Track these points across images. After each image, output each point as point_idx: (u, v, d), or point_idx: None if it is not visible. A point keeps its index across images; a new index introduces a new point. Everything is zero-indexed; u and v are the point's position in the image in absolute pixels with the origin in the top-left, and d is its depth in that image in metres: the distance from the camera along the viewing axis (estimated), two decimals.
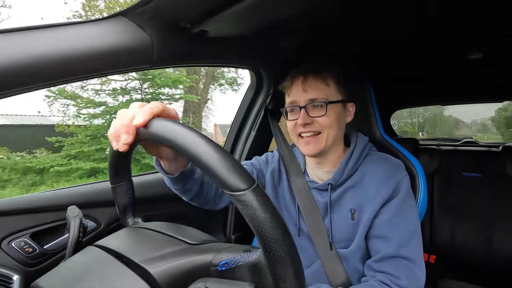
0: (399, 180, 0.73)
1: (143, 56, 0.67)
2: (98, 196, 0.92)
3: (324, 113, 0.73)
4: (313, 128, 0.75)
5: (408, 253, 0.68)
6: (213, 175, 0.35)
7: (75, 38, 0.56)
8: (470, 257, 1.49)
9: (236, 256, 0.38)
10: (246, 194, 0.33)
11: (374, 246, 0.72)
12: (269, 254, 0.34)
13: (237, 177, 0.34)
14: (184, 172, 0.67)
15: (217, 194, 0.82)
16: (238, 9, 0.62)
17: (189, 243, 0.45)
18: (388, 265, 0.68)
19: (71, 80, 0.59)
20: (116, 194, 0.57)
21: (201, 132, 0.38)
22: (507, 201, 1.46)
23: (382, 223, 0.71)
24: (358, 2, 0.73)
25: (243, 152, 1.26)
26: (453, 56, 1.15)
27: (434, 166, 1.69)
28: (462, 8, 0.76)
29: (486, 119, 8.17)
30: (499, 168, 1.53)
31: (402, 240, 0.69)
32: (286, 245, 0.34)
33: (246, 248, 0.39)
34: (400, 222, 0.70)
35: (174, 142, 0.37)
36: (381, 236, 0.71)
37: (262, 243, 0.34)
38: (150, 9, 0.61)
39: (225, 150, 0.36)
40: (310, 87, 0.75)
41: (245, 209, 0.34)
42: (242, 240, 1.24)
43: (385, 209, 0.72)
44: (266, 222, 0.33)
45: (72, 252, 0.58)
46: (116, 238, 0.50)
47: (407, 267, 0.67)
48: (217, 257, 0.39)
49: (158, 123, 0.40)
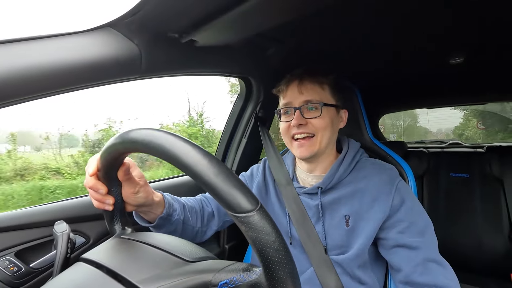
0: (395, 186, 0.73)
1: (132, 66, 0.67)
2: (86, 210, 0.90)
3: (319, 115, 0.74)
4: (307, 129, 0.75)
5: (435, 256, 0.68)
6: (216, 195, 0.34)
7: (61, 50, 0.55)
8: (462, 257, 1.51)
9: (236, 276, 0.37)
10: (251, 216, 0.33)
11: (398, 258, 0.70)
12: (270, 276, 0.33)
13: (242, 199, 0.33)
14: (162, 218, 0.67)
15: (203, 224, 0.81)
16: (225, 19, 0.62)
17: (186, 260, 0.43)
18: (428, 273, 0.66)
19: (58, 92, 0.58)
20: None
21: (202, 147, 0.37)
22: (494, 200, 1.50)
23: (400, 232, 0.70)
24: (342, 12, 0.75)
25: (234, 160, 1.25)
26: (435, 60, 1.18)
27: (423, 168, 1.72)
28: (442, 15, 0.79)
29: (449, 129, 10.06)
30: (485, 168, 1.58)
31: (429, 245, 0.69)
32: (287, 267, 0.33)
33: (246, 267, 0.38)
34: (420, 227, 0.70)
35: (176, 160, 0.36)
36: (402, 245, 0.69)
37: (264, 264, 0.34)
38: (137, 19, 0.61)
39: (229, 169, 0.36)
40: (306, 89, 0.76)
41: (249, 231, 0.33)
42: (236, 250, 1.22)
43: (395, 220, 0.71)
44: (269, 244, 0.33)
45: (60, 269, 0.56)
46: (106, 251, 0.48)
47: (444, 272, 0.66)
48: (216, 276, 0.38)
49: (158, 134, 0.39)
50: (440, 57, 1.13)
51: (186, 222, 0.75)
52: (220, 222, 0.86)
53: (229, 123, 1.26)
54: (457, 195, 1.59)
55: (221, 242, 1.23)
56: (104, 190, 0.53)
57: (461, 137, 8.88)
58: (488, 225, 1.48)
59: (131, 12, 0.59)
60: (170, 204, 0.70)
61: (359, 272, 0.73)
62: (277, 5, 0.62)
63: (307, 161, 0.81)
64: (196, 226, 0.79)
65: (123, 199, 0.58)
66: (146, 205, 0.63)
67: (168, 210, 0.69)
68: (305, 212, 0.79)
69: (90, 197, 0.55)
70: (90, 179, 0.52)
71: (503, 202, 1.47)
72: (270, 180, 0.90)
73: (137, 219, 0.70)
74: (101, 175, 0.53)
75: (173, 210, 0.71)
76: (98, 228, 0.91)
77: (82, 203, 0.91)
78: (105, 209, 0.56)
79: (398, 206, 0.71)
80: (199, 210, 0.81)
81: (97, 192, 0.53)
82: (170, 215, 0.69)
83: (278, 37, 0.91)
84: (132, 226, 0.58)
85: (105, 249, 0.49)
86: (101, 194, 0.53)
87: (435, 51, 1.08)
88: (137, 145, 0.40)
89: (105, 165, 0.50)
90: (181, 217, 0.73)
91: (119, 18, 0.61)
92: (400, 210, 0.71)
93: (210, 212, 0.84)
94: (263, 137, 1.03)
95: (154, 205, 0.65)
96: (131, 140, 0.41)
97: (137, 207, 0.62)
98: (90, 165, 0.52)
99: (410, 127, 11.32)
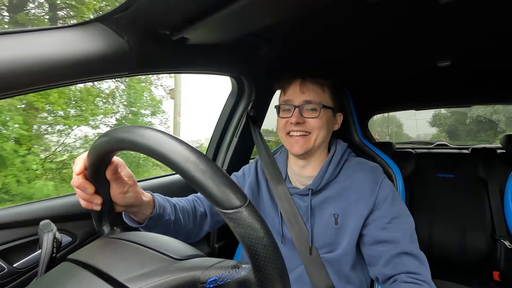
0: (380, 183, 0.76)
1: (121, 63, 0.66)
2: (73, 209, 0.88)
3: (317, 115, 0.77)
4: (304, 128, 0.77)
5: (413, 250, 0.69)
6: (204, 191, 0.34)
7: (48, 44, 0.54)
8: (447, 255, 1.55)
9: (225, 272, 0.37)
10: (239, 212, 0.33)
11: (375, 253, 0.72)
12: (259, 272, 0.34)
13: (230, 195, 0.33)
14: (152, 218, 0.66)
15: (195, 225, 0.81)
16: (217, 17, 0.62)
17: (175, 258, 0.43)
18: (401, 264, 0.68)
19: (45, 87, 0.57)
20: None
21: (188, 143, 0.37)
22: (478, 200, 1.54)
23: (380, 228, 0.72)
24: (333, 14, 0.76)
25: (225, 159, 1.25)
26: (423, 63, 1.21)
27: (411, 168, 1.76)
28: (431, 21, 0.81)
29: (427, 135, 11.78)
30: (469, 168, 1.62)
31: (406, 239, 0.70)
32: (276, 263, 0.34)
33: (235, 264, 0.38)
34: (399, 223, 0.72)
35: (164, 157, 0.35)
36: (383, 241, 0.71)
37: (252, 260, 0.34)
38: (128, 15, 0.60)
39: (216, 165, 0.35)
40: (308, 89, 0.79)
41: (237, 227, 0.33)
42: (226, 249, 1.22)
43: (377, 214, 0.73)
44: (258, 240, 0.33)
45: (46, 269, 0.55)
46: (93, 251, 0.47)
47: (417, 263, 0.68)
48: (205, 274, 0.38)
49: (146, 132, 0.38)
50: (428, 60, 1.15)
51: (177, 223, 0.74)
52: (213, 223, 0.85)
53: (220, 122, 1.25)
54: (443, 195, 1.63)
55: (211, 241, 1.22)
56: (92, 190, 0.52)
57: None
58: (472, 225, 1.52)
59: (121, 8, 0.58)
60: (160, 204, 0.69)
61: (347, 271, 0.74)
62: (269, 6, 0.62)
63: (300, 157, 0.82)
64: (188, 227, 0.78)
65: (111, 199, 0.57)
66: (135, 206, 0.62)
67: (158, 210, 0.68)
68: (297, 211, 0.80)
69: (77, 196, 0.54)
70: (77, 178, 0.51)
71: (487, 202, 1.52)
72: (262, 179, 0.90)
73: (126, 220, 0.68)
74: (89, 174, 0.52)
75: (163, 211, 0.70)
76: (85, 227, 0.89)
77: (69, 201, 0.89)
78: (93, 209, 0.54)
79: (381, 202, 0.74)
80: (191, 210, 0.81)
81: (84, 192, 0.52)
82: (160, 216, 0.68)
83: (270, 37, 0.91)
84: (121, 226, 0.58)
85: (93, 249, 0.48)
86: (89, 194, 0.52)
87: (423, 54, 1.10)
88: (125, 143, 0.40)
89: (93, 164, 0.49)
90: (171, 217, 0.72)
91: (109, 13, 0.60)
92: (382, 207, 0.73)
93: (203, 212, 0.83)
94: (255, 136, 1.03)
95: (143, 206, 0.64)
96: (119, 138, 0.41)
97: (126, 208, 0.61)
98: (77, 164, 0.51)
99: (396, 133, 14.63)
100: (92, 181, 0.52)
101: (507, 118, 6.89)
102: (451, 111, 9.81)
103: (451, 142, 2.35)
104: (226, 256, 1.18)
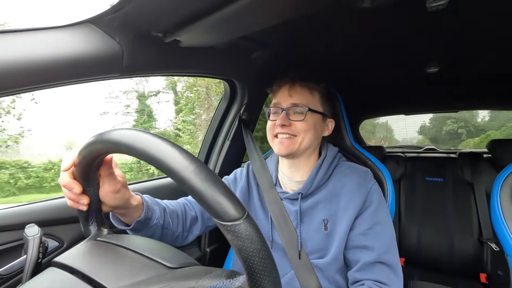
0: (369, 188, 0.76)
1: (112, 65, 0.65)
2: (60, 213, 0.86)
3: (303, 119, 0.77)
4: (290, 130, 0.78)
5: (388, 259, 0.70)
6: (203, 202, 0.33)
7: (37, 45, 0.53)
8: (435, 258, 1.57)
9: (219, 283, 0.36)
10: (237, 225, 0.33)
11: (354, 257, 0.73)
12: (254, 284, 0.33)
13: (229, 207, 0.33)
14: (139, 221, 0.66)
15: (185, 229, 0.80)
16: (210, 20, 0.62)
17: (168, 267, 0.42)
18: (371, 272, 0.69)
19: (34, 88, 0.55)
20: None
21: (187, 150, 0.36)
22: (465, 203, 1.58)
23: (360, 233, 0.73)
24: (326, 20, 0.77)
25: (217, 162, 1.24)
26: (413, 69, 1.24)
27: (400, 172, 1.79)
28: (421, 29, 0.83)
29: (412, 139, 13.44)
30: (457, 172, 1.65)
31: (383, 247, 0.71)
32: (271, 275, 0.33)
33: (229, 274, 0.37)
34: (378, 231, 0.73)
35: (162, 164, 0.35)
36: (361, 247, 0.72)
37: (248, 272, 0.33)
38: (120, 17, 0.59)
39: (217, 176, 0.35)
40: (296, 92, 0.79)
41: (235, 240, 0.33)
42: (217, 253, 1.21)
43: (361, 219, 0.74)
44: (255, 253, 0.33)
45: (31, 275, 0.53)
46: (81, 255, 0.46)
47: (389, 273, 0.69)
48: (199, 283, 0.37)
49: (145, 138, 0.37)
50: (417, 66, 1.18)
51: (166, 227, 0.73)
52: (203, 227, 0.84)
53: (213, 124, 1.25)
54: (432, 198, 1.66)
55: (202, 246, 1.21)
56: (79, 190, 0.51)
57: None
58: (459, 228, 1.55)
59: (113, 9, 0.57)
60: (149, 207, 0.68)
61: (337, 277, 0.75)
62: (262, 10, 0.62)
63: (287, 158, 0.82)
64: (176, 231, 0.77)
65: (99, 199, 0.56)
66: (123, 208, 0.61)
67: (147, 213, 0.67)
68: (287, 216, 0.80)
69: (64, 195, 0.53)
70: (64, 177, 0.50)
71: (473, 206, 1.55)
72: (253, 184, 0.90)
73: (113, 221, 0.67)
74: (77, 173, 0.50)
75: (152, 214, 0.69)
76: (73, 232, 0.87)
77: (55, 205, 0.87)
78: (79, 209, 0.53)
79: (367, 207, 0.75)
80: (181, 214, 0.80)
81: (71, 191, 0.51)
82: (148, 219, 0.67)
83: (263, 41, 0.92)
84: (109, 227, 0.56)
85: (80, 252, 0.46)
86: (75, 194, 0.51)
87: (413, 60, 1.13)
88: (121, 146, 0.39)
89: (83, 163, 0.48)
90: (160, 221, 0.71)
91: (100, 14, 0.59)
92: (367, 212, 0.74)
93: (194, 217, 0.82)
94: (246, 140, 1.03)
95: (132, 208, 0.63)
96: (114, 141, 0.39)
97: (114, 208, 0.60)
98: (66, 160, 0.50)
99: (389, 137, 15.72)
100: (81, 180, 0.51)
101: (466, 132, 11.33)
102: (433, 124, 13.59)
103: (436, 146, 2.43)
104: (218, 260, 1.18)
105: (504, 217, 0.84)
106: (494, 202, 0.88)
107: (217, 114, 1.24)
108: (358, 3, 0.63)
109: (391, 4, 0.65)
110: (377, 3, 0.62)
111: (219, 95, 7.59)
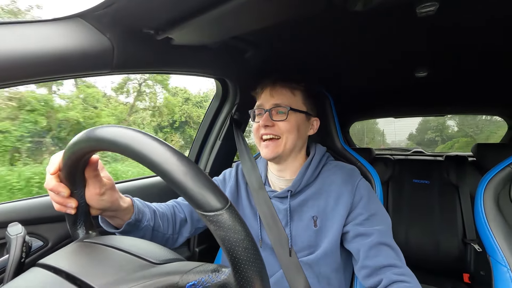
0: (356, 184, 0.78)
1: (102, 61, 0.64)
2: (45, 211, 0.84)
3: (285, 118, 0.78)
4: (273, 131, 0.78)
5: (390, 242, 0.71)
6: (185, 193, 0.33)
7: (25, 38, 0.51)
8: (422, 258, 1.61)
9: (204, 277, 0.36)
10: (220, 215, 0.32)
11: (356, 246, 0.73)
12: (239, 275, 0.33)
13: (211, 197, 0.33)
14: (129, 224, 0.65)
15: (174, 231, 0.79)
16: (202, 19, 0.62)
17: (153, 263, 0.41)
18: (378, 255, 0.69)
19: (20, 83, 0.54)
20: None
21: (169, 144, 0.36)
22: (450, 205, 1.62)
23: (358, 224, 0.74)
24: (318, 22, 0.78)
25: (208, 161, 1.24)
26: (402, 73, 1.26)
27: (389, 174, 1.82)
28: (410, 34, 0.85)
29: (400, 141, 15.08)
30: (443, 175, 1.70)
31: (383, 230, 0.72)
32: (256, 266, 0.33)
33: (214, 268, 0.37)
34: (375, 220, 0.74)
35: (144, 158, 0.34)
36: (362, 233, 0.73)
37: (232, 264, 0.33)
38: (111, 12, 0.58)
39: (198, 167, 0.35)
40: (277, 93, 0.80)
41: (217, 230, 0.33)
42: (206, 253, 1.21)
43: (355, 213, 0.75)
44: (238, 243, 0.32)
45: (13, 275, 0.52)
46: (66, 255, 0.45)
47: (394, 255, 0.69)
48: (184, 278, 0.37)
49: (126, 132, 0.37)
50: (406, 70, 1.20)
51: (157, 229, 0.73)
52: (193, 229, 0.84)
53: (204, 123, 1.24)
54: (419, 200, 1.70)
55: (191, 245, 1.20)
56: (66, 193, 0.49)
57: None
58: (445, 229, 1.59)
59: (103, 4, 0.56)
60: (140, 209, 0.67)
61: (328, 273, 0.75)
62: (254, 11, 0.62)
63: (274, 161, 0.83)
64: (167, 233, 0.76)
65: (87, 202, 0.54)
66: (112, 210, 0.60)
67: (137, 216, 0.66)
68: (276, 215, 0.80)
69: (51, 199, 0.51)
70: (50, 180, 0.49)
71: (458, 208, 1.60)
72: (242, 184, 0.90)
73: (102, 224, 0.66)
74: (64, 175, 0.49)
75: (143, 216, 0.68)
76: (57, 230, 0.85)
77: (40, 203, 0.85)
78: (67, 213, 0.52)
79: (358, 202, 0.76)
80: (170, 216, 0.79)
81: (58, 195, 0.49)
82: (139, 221, 0.66)
83: (255, 41, 0.92)
84: (98, 230, 0.55)
85: (65, 253, 0.45)
86: (63, 197, 0.49)
87: (402, 64, 1.15)
88: (104, 143, 0.38)
89: (69, 164, 0.47)
90: (151, 223, 0.70)
91: (91, 9, 0.58)
92: (359, 205, 0.75)
93: (183, 219, 0.82)
94: (237, 140, 1.03)
95: (121, 211, 0.62)
96: (97, 138, 0.39)
97: (102, 211, 0.58)
98: (52, 163, 0.49)
99: (378, 141, 16.66)
100: (67, 183, 0.50)
101: (441, 139, 14.42)
102: (418, 133, 16.01)
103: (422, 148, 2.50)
104: (207, 260, 1.17)
105: (487, 219, 0.87)
106: (478, 204, 0.90)
107: (209, 113, 1.23)
108: (350, 7, 0.64)
109: (383, 8, 0.66)
110: (369, 7, 0.63)
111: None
